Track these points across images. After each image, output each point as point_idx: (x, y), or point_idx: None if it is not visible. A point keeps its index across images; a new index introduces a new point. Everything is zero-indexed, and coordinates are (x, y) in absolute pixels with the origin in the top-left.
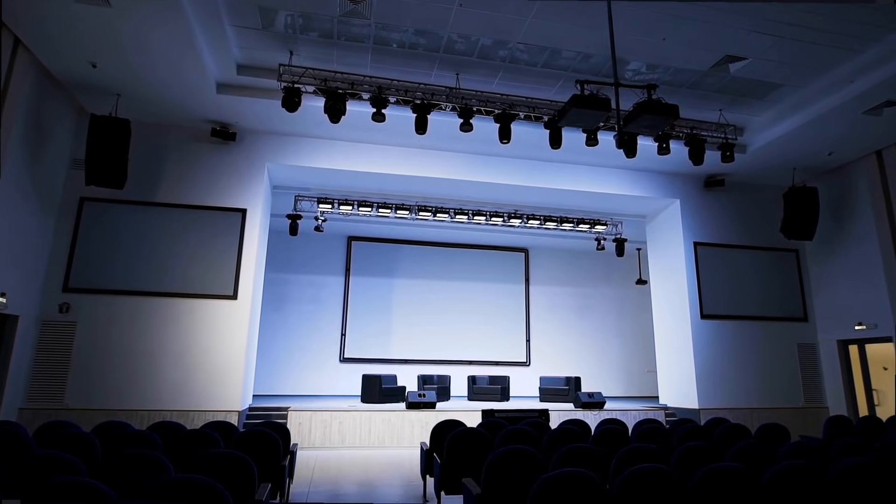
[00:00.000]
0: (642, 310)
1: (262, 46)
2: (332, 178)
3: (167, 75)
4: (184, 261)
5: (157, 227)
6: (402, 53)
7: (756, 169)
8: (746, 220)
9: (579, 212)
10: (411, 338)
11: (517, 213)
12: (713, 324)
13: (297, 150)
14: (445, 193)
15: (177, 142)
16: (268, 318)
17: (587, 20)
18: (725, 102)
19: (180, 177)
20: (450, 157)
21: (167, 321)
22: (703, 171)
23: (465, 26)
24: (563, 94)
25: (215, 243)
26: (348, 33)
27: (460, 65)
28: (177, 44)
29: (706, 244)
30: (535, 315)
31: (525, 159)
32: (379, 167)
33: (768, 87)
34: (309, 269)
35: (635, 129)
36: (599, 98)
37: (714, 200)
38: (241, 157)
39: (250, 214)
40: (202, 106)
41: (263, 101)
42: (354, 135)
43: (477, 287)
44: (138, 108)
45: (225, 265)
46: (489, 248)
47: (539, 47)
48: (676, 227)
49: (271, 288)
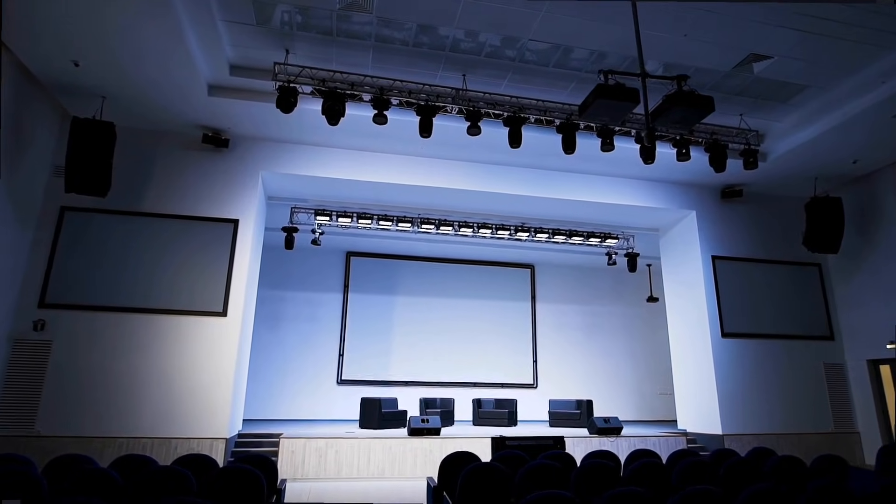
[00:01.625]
0: (654, 328)
1: (257, 44)
2: (331, 188)
3: (155, 75)
4: (170, 275)
5: (142, 239)
6: (405, 52)
7: (776, 178)
8: (766, 233)
9: (589, 225)
10: (413, 358)
11: (524, 227)
12: (735, 342)
13: (294, 158)
14: (449, 205)
15: (166, 148)
16: (261, 337)
17: (604, 14)
18: (747, 106)
19: (169, 185)
20: (454, 166)
21: (150, 340)
22: (720, 182)
23: (474, 21)
24: (575, 96)
25: (204, 256)
26: (348, 31)
27: (467, 65)
28: (165, 39)
29: (725, 258)
30: (542, 334)
31: (533, 168)
32: (380, 176)
33: (792, 90)
34: (305, 285)
35: (665, 125)
36: (627, 88)
37: (731, 212)
38: (234, 165)
39: (242, 225)
40: (193, 109)
41: (258, 104)
42: (354, 141)
43: (481, 305)
44: (125, 113)
45: (214, 279)
46: (494, 264)
47: (551, 46)
48: (693, 240)
49: (265, 306)
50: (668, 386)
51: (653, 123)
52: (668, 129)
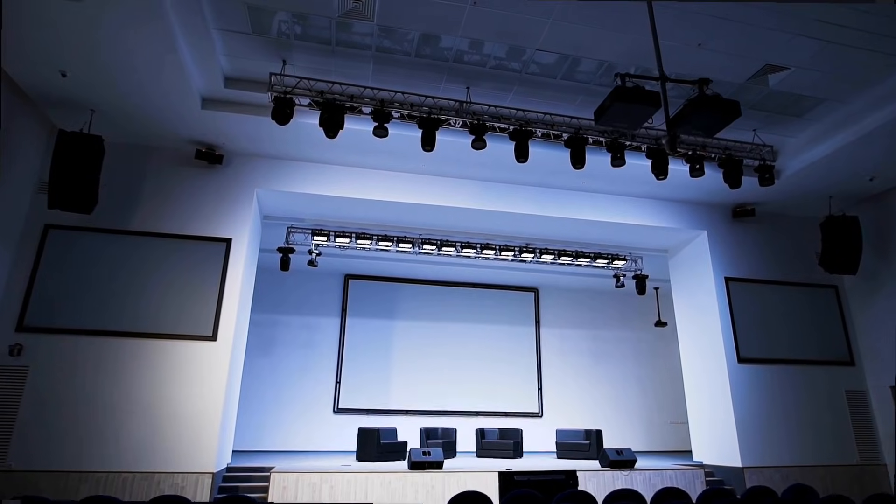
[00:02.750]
0: (663, 354)
1: (252, 54)
2: (328, 206)
3: (146, 86)
4: (157, 297)
5: (129, 259)
6: (406, 63)
7: (789, 197)
8: (779, 254)
9: (596, 245)
10: (413, 386)
11: (529, 247)
12: (752, 368)
13: (290, 175)
14: (451, 224)
15: (157, 165)
16: (254, 363)
17: (615, 21)
18: (761, 121)
19: (159, 203)
20: (457, 184)
21: (134, 365)
22: (731, 201)
23: (479, 30)
24: (584, 110)
25: (194, 277)
26: (348, 41)
27: (471, 76)
28: (156, 48)
29: (739, 279)
30: (547, 361)
31: (539, 187)
32: (379, 194)
33: (808, 103)
34: (301, 309)
35: (687, 131)
36: (646, 91)
37: (744, 232)
38: (228, 182)
39: (235, 245)
40: (185, 124)
41: (253, 118)
42: (353, 158)
43: (483, 330)
44: (115, 127)
45: (204, 302)
46: (496, 287)
47: (559, 57)
48: (705, 262)
49: (259, 330)
50: (679, 415)
51: (674, 129)
52: (691, 134)
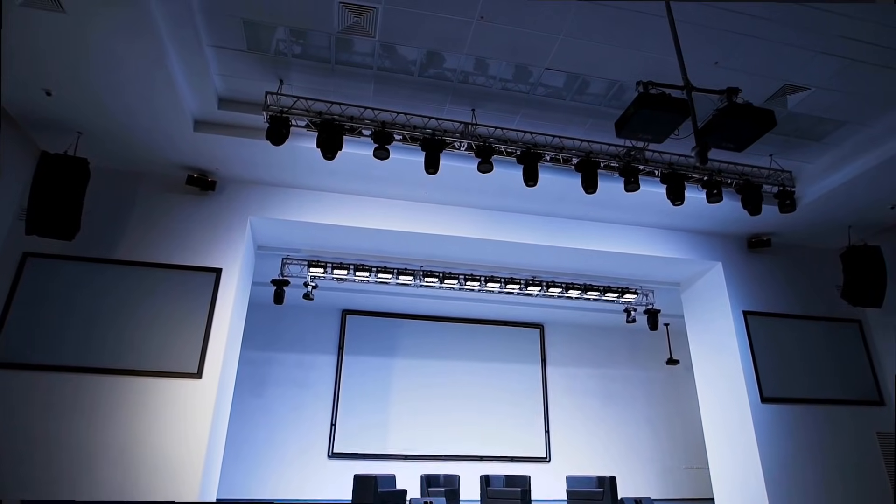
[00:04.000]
0: (675, 394)
1: (248, 73)
2: (326, 236)
3: (135, 107)
4: (141, 330)
5: (112, 290)
6: (409, 83)
7: (806, 227)
8: (798, 287)
9: (605, 278)
10: (412, 428)
11: (535, 280)
12: (776, 409)
13: (286, 203)
14: (454, 255)
15: (146, 191)
16: (244, 404)
17: (629, 37)
18: (778, 145)
19: (146, 231)
20: (461, 213)
21: (112, 405)
22: (746, 231)
23: (485, 47)
24: (594, 133)
25: (180, 309)
26: (348, 60)
27: (476, 97)
28: (146, 65)
29: (758, 313)
30: (554, 401)
31: (546, 216)
32: (379, 222)
33: (827, 126)
34: (296, 346)
35: (717, 143)
36: (673, 98)
37: (760, 264)
38: (220, 209)
39: (226, 275)
40: (177, 147)
41: (248, 141)
42: (352, 185)
43: (487, 368)
44: (102, 151)
45: (190, 336)
46: (500, 323)
47: (569, 76)
48: (720, 294)
49: (250, 368)
50: (695, 459)
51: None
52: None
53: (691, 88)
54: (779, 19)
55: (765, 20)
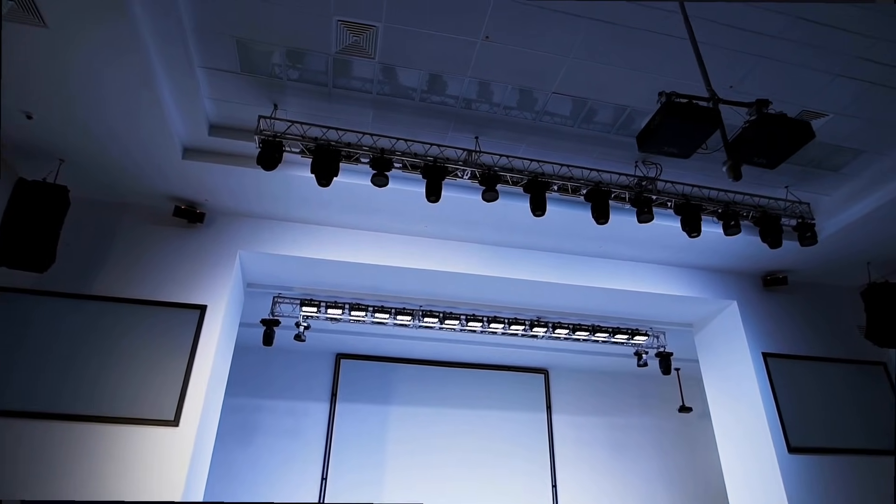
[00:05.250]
0: (689, 444)
1: (240, 97)
2: (320, 272)
3: (121, 131)
4: (116, 372)
5: (88, 328)
6: (410, 108)
7: (823, 263)
8: (817, 327)
9: (614, 319)
10: (409, 481)
11: (540, 321)
12: (806, 460)
13: (278, 236)
14: (455, 294)
15: (130, 223)
16: (229, 455)
17: (641, 59)
18: (794, 176)
19: (129, 265)
20: (462, 248)
21: (75, 455)
22: (761, 268)
23: (490, 69)
24: (604, 162)
25: (159, 348)
26: (346, 84)
27: (481, 124)
28: (133, 87)
29: (778, 355)
30: (561, 453)
31: (551, 252)
32: (376, 258)
33: (846, 155)
34: (286, 392)
35: (747, 159)
36: (703, 107)
37: (776, 303)
38: (209, 242)
39: (211, 313)
40: (164, 176)
41: (239, 170)
42: (348, 218)
43: (489, 416)
44: (85, 180)
45: (167, 379)
46: (502, 368)
47: (577, 102)
48: (737, 335)
49: (236, 416)
50: None
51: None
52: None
53: (717, 100)
54: (797, 39)
55: (783, 40)
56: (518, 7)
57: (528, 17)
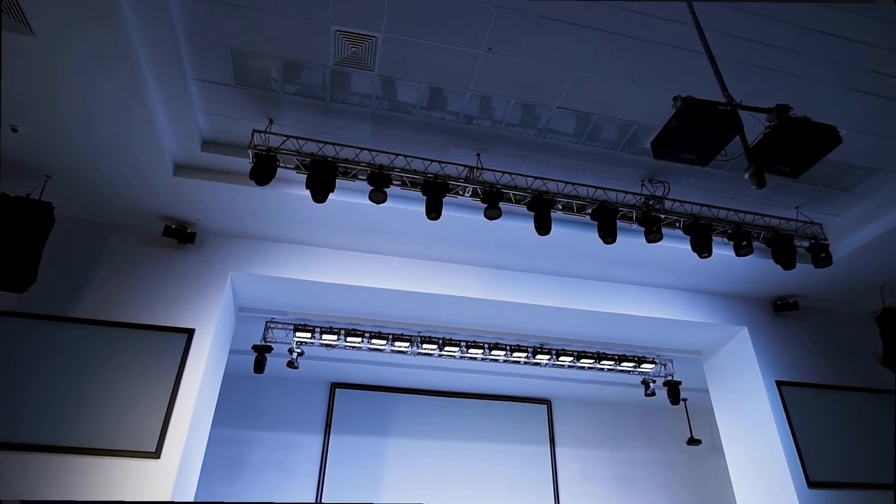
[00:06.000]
0: (698, 478)
1: (235, 111)
2: (314, 296)
3: (110, 146)
4: (99, 401)
5: (71, 352)
6: (409, 123)
7: (835, 287)
8: (831, 354)
9: (621, 346)
10: None
11: (544, 348)
12: (827, 496)
13: (272, 258)
14: (454, 319)
15: (117, 242)
16: (214, 490)
17: (650, 72)
18: (804, 196)
19: (116, 287)
20: (463, 271)
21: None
22: (771, 293)
23: (493, 82)
24: (609, 180)
25: (143, 375)
26: (344, 99)
27: (483, 140)
28: (123, 100)
29: (793, 384)
30: (565, 489)
31: (555, 275)
32: (374, 281)
33: (858, 174)
34: (277, 424)
35: (770, 167)
36: (722, 110)
37: (788, 329)
38: (199, 264)
39: (199, 337)
40: (154, 193)
41: (232, 188)
42: (344, 239)
43: (490, 449)
44: (72, 197)
45: (150, 407)
46: (503, 398)
47: (582, 117)
48: (749, 363)
49: (224, 449)
50: None
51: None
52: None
53: (735, 106)
54: (808, 51)
55: (794, 53)
56: (522, 17)
57: (532, 28)
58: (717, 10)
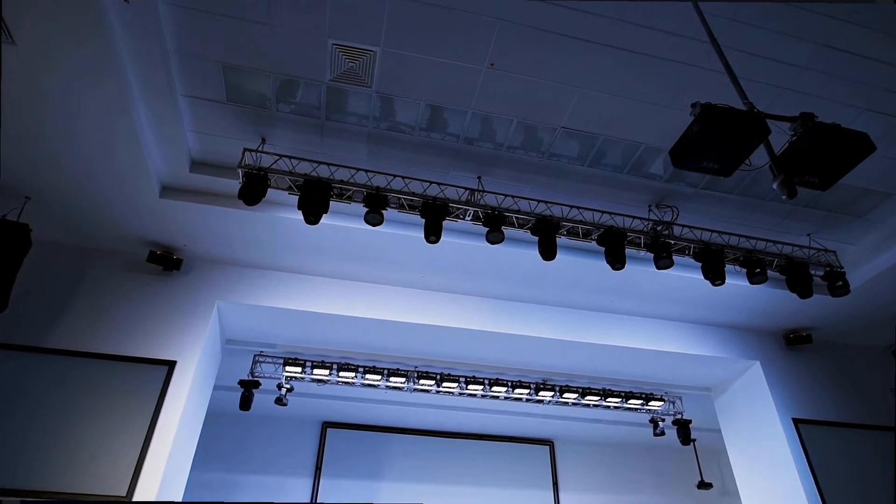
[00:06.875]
0: None
1: (226, 129)
2: (306, 328)
3: (93, 164)
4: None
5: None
6: (408, 144)
7: (849, 319)
8: (847, 390)
9: (627, 382)
10: None
11: (547, 384)
12: None
13: (261, 286)
14: (453, 352)
15: (99, 268)
16: None
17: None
18: (816, 222)
19: (95, 315)
20: (461, 302)
21: None
22: (782, 326)
23: (494, 101)
24: (617, 205)
25: (117, 410)
26: (340, 118)
27: (484, 162)
28: (108, 113)
29: (810, 422)
30: None
31: (558, 306)
32: (368, 311)
33: (872, 199)
34: (264, 466)
35: (799, 176)
36: (747, 114)
37: (801, 363)
38: (184, 292)
39: (180, 370)
40: (139, 216)
41: (222, 211)
42: (338, 267)
43: (490, 494)
44: (52, 220)
45: (123, 445)
46: (504, 439)
47: (587, 138)
48: (763, 399)
49: (204, 493)
50: None
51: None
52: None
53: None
54: (823, 69)
55: (809, 70)
56: (525, 31)
57: (536, 43)
58: (729, 26)
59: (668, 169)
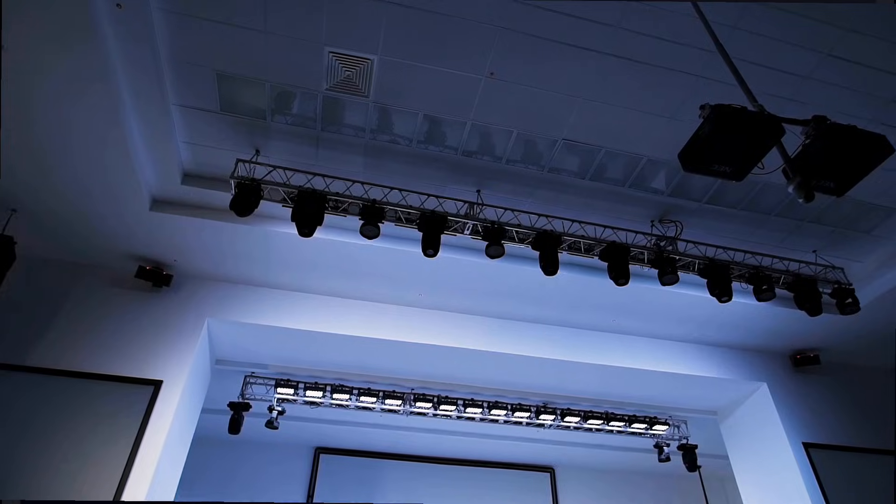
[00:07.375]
0: None
1: (219, 140)
2: (299, 347)
3: (82, 176)
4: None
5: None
6: (405, 156)
7: (856, 339)
8: (856, 413)
9: (630, 405)
10: None
11: (548, 407)
12: None
13: (253, 303)
14: (451, 373)
15: (86, 284)
16: None
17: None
18: (823, 238)
19: (81, 333)
20: (459, 321)
21: None
22: (789, 346)
23: (494, 112)
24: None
25: (99, 433)
26: (335, 129)
27: (483, 175)
28: (98, 122)
29: (822, 446)
30: None
31: (558, 325)
32: (364, 329)
33: (880, 214)
34: (254, 494)
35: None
36: (760, 114)
37: (809, 385)
38: (174, 308)
39: (167, 390)
40: (128, 229)
41: (214, 224)
42: (333, 284)
43: None
44: (39, 233)
45: (104, 470)
46: (503, 465)
47: (588, 151)
48: (772, 424)
49: None
50: None
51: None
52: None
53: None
54: (827, 79)
55: (813, 80)
56: (526, 40)
57: (537, 52)
58: (731, 34)
59: (671, 183)
